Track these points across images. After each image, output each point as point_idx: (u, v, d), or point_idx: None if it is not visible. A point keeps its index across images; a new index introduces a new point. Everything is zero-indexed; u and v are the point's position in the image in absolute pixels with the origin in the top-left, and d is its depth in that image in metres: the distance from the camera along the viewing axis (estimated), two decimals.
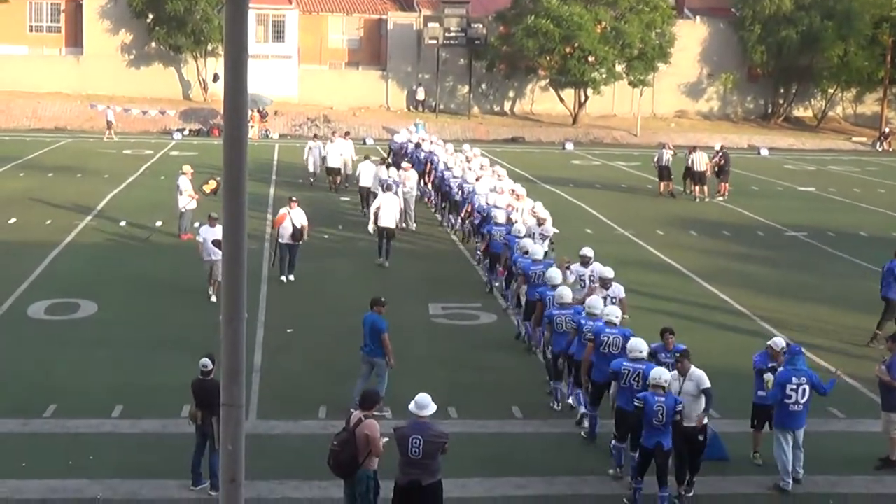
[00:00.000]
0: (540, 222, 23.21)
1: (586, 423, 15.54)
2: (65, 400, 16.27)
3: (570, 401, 16.39)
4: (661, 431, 13.04)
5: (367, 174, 32.82)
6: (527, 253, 20.09)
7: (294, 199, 24.88)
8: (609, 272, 18.29)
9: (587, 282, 18.86)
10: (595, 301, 16.40)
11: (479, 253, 25.71)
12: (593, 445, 15.14)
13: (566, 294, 16.94)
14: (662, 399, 12.99)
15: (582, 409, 15.84)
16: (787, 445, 13.91)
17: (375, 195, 28.68)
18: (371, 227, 26.69)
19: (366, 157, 34.87)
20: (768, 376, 14.30)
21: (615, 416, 14.31)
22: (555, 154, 55.73)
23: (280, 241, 23.97)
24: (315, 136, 43.97)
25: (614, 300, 17.56)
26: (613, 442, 14.23)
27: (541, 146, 60.06)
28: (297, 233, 23.83)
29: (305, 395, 16.89)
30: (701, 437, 13.59)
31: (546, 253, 21.27)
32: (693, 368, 13.75)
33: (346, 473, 11.82)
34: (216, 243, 20.98)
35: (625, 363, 14.07)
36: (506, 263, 22.18)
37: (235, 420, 6.09)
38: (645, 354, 14.18)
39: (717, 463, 14.42)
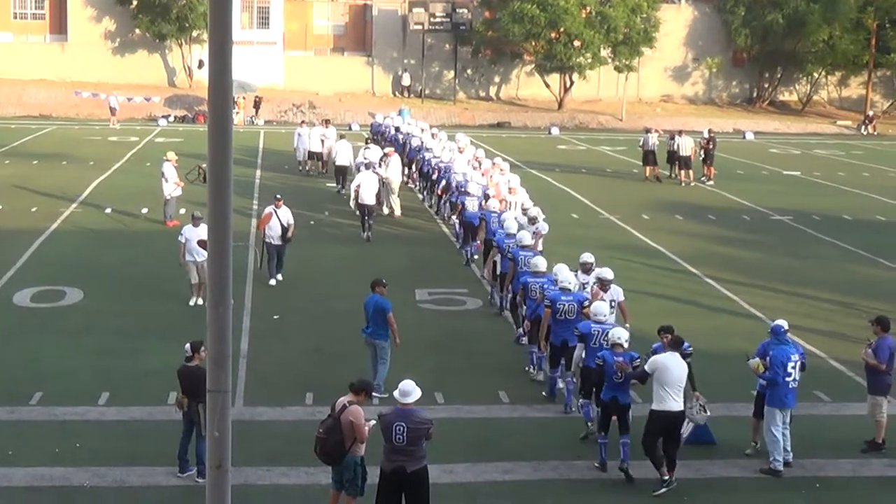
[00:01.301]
0: (532, 221, 22.39)
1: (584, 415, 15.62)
2: (51, 387, 16.22)
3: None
4: (618, 387, 13.66)
5: (344, 153, 33.76)
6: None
7: (279, 197, 23.70)
8: (608, 273, 17.42)
9: (590, 289, 17.43)
10: (540, 260, 17.56)
11: (454, 226, 26.35)
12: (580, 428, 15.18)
13: (541, 263, 17.53)
14: (621, 357, 13.60)
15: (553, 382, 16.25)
16: (781, 424, 13.97)
17: (358, 170, 29.29)
18: (352, 204, 27.84)
19: (341, 137, 35.35)
20: (755, 361, 14.29)
21: (580, 375, 15.05)
22: (540, 139, 55.73)
23: (267, 241, 22.98)
24: (302, 122, 43.88)
25: (613, 303, 17.02)
26: (581, 400, 15.00)
27: (526, 131, 60.07)
28: (285, 231, 22.91)
29: (292, 381, 16.88)
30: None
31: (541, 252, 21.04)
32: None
33: (334, 460, 11.82)
34: (201, 243, 20.08)
35: (593, 325, 14.74)
36: (483, 237, 22.44)
37: (222, 406, 6.08)
38: (608, 317, 15.02)
39: (704, 447, 14.47)
